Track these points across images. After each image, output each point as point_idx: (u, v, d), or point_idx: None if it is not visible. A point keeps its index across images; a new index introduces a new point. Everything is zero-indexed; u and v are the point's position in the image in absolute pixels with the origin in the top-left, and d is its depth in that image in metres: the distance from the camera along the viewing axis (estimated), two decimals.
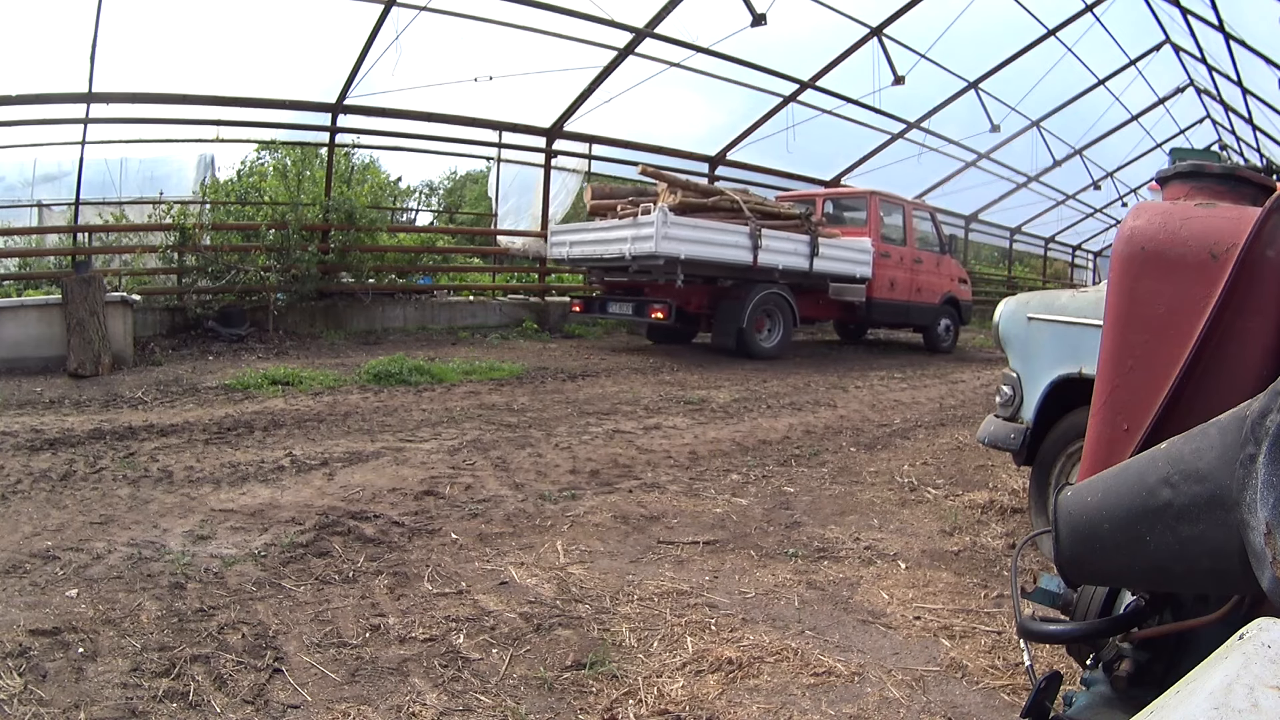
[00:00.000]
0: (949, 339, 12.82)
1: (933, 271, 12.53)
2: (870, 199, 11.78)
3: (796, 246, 10.15)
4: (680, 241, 8.83)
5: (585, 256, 10.05)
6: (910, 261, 12.12)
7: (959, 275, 13.34)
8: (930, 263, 12.52)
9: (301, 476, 4.03)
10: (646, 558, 3.09)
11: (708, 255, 9.18)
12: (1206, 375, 1.16)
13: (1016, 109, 15.56)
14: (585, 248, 9.98)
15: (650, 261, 8.92)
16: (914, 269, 12.16)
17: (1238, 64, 13.27)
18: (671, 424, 5.66)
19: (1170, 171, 1.52)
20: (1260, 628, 0.64)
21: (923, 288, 12.31)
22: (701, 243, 9.07)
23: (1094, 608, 1.19)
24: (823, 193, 12.97)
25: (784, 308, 10.26)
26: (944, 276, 12.78)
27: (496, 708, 2.00)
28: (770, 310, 10.16)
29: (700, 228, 9.11)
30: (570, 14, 10.25)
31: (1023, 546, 1.55)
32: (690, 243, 8.94)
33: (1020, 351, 3.29)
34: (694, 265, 9.20)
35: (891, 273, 11.69)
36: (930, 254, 12.59)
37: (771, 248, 9.77)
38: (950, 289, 12.85)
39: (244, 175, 12.46)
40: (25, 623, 2.31)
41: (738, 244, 9.47)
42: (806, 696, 2.10)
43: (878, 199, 11.80)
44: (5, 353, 7.11)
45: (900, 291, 11.89)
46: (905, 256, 12.05)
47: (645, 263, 9.02)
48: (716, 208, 9.54)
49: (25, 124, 8.80)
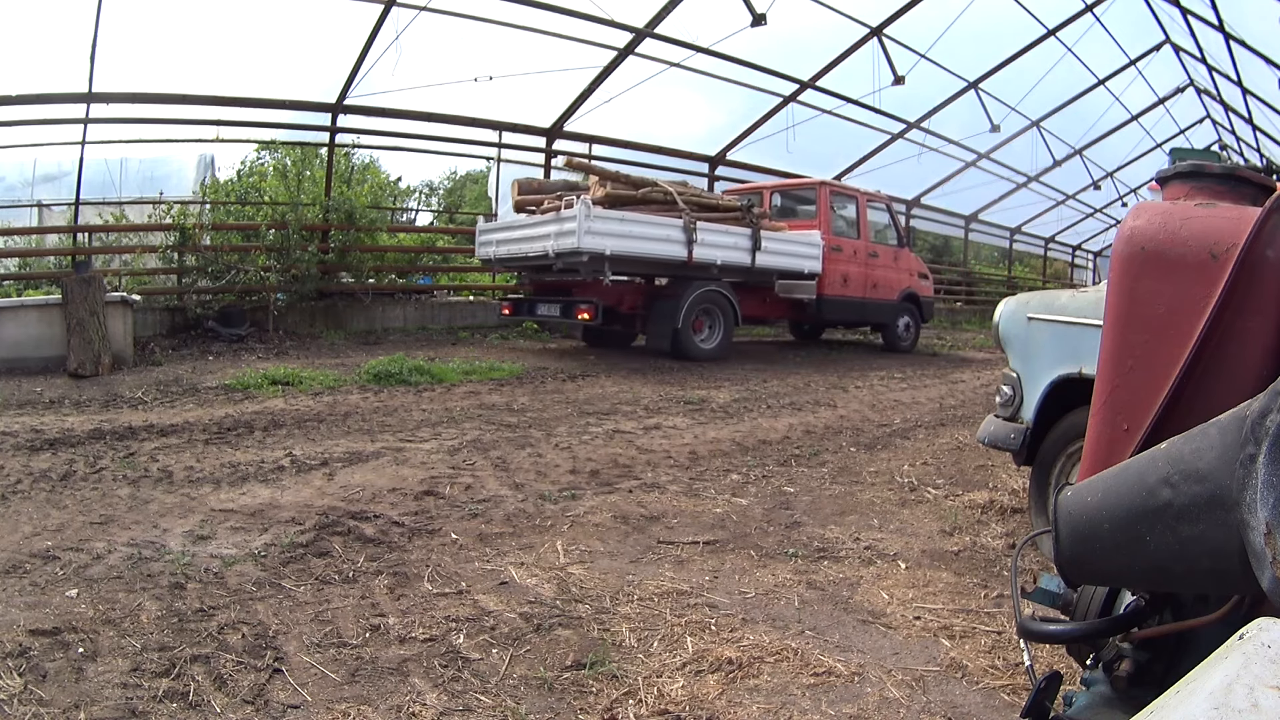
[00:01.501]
0: (909, 338, 12.30)
1: (890, 266, 11.98)
2: (820, 189, 11.29)
3: (737, 240, 9.59)
4: (605, 236, 8.26)
5: (511, 255, 9.48)
6: (865, 256, 11.57)
7: (919, 270, 12.77)
8: (887, 257, 11.99)
9: (301, 476, 4.03)
10: (646, 558, 3.09)
11: (637, 250, 8.61)
12: (1206, 375, 1.16)
13: (1016, 109, 15.58)
14: (510, 246, 9.41)
15: (574, 258, 8.33)
16: (869, 264, 11.61)
17: (1238, 64, 13.28)
18: (671, 424, 5.66)
19: (1170, 171, 1.52)
20: (1260, 628, 0.64)
21: (879, 283, 11.74)
22: (630, 237, 8.49)
23: (1094, 608, 1.19)
24: (771, 184, 12.49)
25: (724, 306, 9.68)
26: (902, 271, 12.21)
27: (496, 708, 2.00)
28: (709, 309, 9.60)
29: (628, 221, 8.55)
30: (570, 14, 10.26)
31: (1023, 546, 1.55)
32: (617, 237, 8.36)
33: (1020, 351, 3.29)
34: (622, 262, 8.65)
35: (844, 268, 11.16)
36: (887, 248, 12.07)
37: (708, 241, 9.19)
38: (910, 284, 12.27)
39: (244, 175, 12.46)
40: (25, 623, 2.31)
41: (670, 238, 8.88)
42: (806, 696, 2.10)
43: (828, 189, 11.33)
44: (5, 353, 7.11)
45: (854, 287, 11.36)
46: (859, 250, 11.51)
47: (569, 260, 8.43)
48: (647, 200, 9.00)
49: (25, 124, 8.80)
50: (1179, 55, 15.61)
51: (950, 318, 19.65)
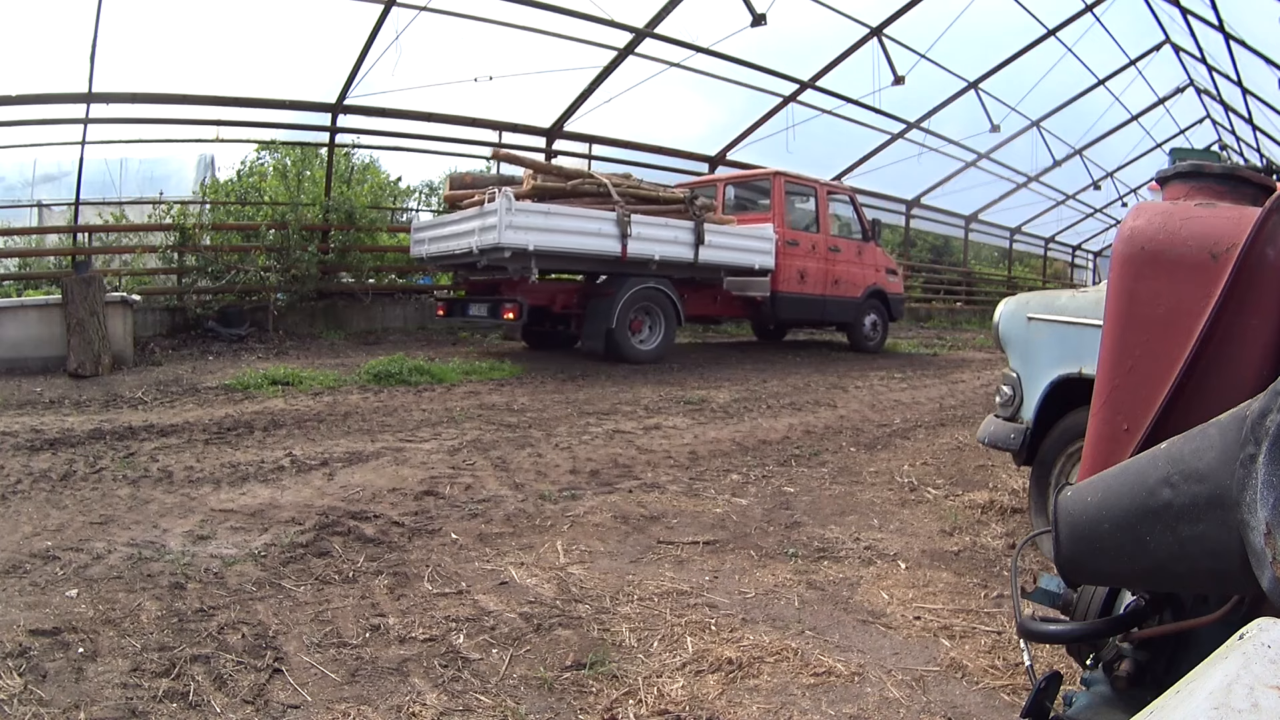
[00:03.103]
0: (876, 337, 11.73)
1: (853, 261, 11.34)
2: (775, 180, 10.62)
3: (677, 234, 8.99)
4: (529, 231, 7.80)
5: (439, 253, 9.05)
6: (825, 250, 10.92)
7: (886, 265, 12.09)
8: (850, 252, 11.32)
9: (301, 476, 4.03)
10: (646, 558, 3.09)
11: (565, 246, 8.15)
12: (1206, 375, 1.16)
13: (1016, 109, 15.60)
14: (440, 243, 8.98)
15: (497, 255, 7.89)
16: (830, 259, 10.97)
17: (1238, 64, 13.28)
18: (671, 424, 5.66)
19: (1170, 171, 1.52)
20: (1260, 628, 0.64)
21: (841, 280, 11.10)
22: (557, 232, 8.04)
23: (1094, 608, 1.19)
24: (725, 176, 11.94)
25: (665, 305, 9.11)
26: (867, 267, 11.55)
27: (496, 708, 2.00)
28: (648, 308, 9.05)
29: (555, 215, 8.06)
30: (570, 14, 10.27)
31: (1023, 546, 1.55)
32: (543, 232, 7.91)
33: (1020, 351, 3.29)
34: (549, 258, 8.24)
35: (801, 263, 10.54)
36: (850, 242, 11.41)
37: (645, 236, 8.63)
38: (876, 281, 11.61)
39: (244, 175, 12.47)
40: (25, 623, 2.31)
41: (602, 232, 8.36)
42: (806, 696, 2.10)
43: (783, 180, 10.63)
44: (5, 353, 7.11)
45: (813, 284, 10.73)
46: (819, 244, 10.86)
47: (493, 257, 7.99)
48: (579, 192, 8.47)
49: (25, 124, 8.81)
50: (1179, 55, 15.62)
51: (950, 318, 19.64)
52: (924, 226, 20.80)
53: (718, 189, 11.02)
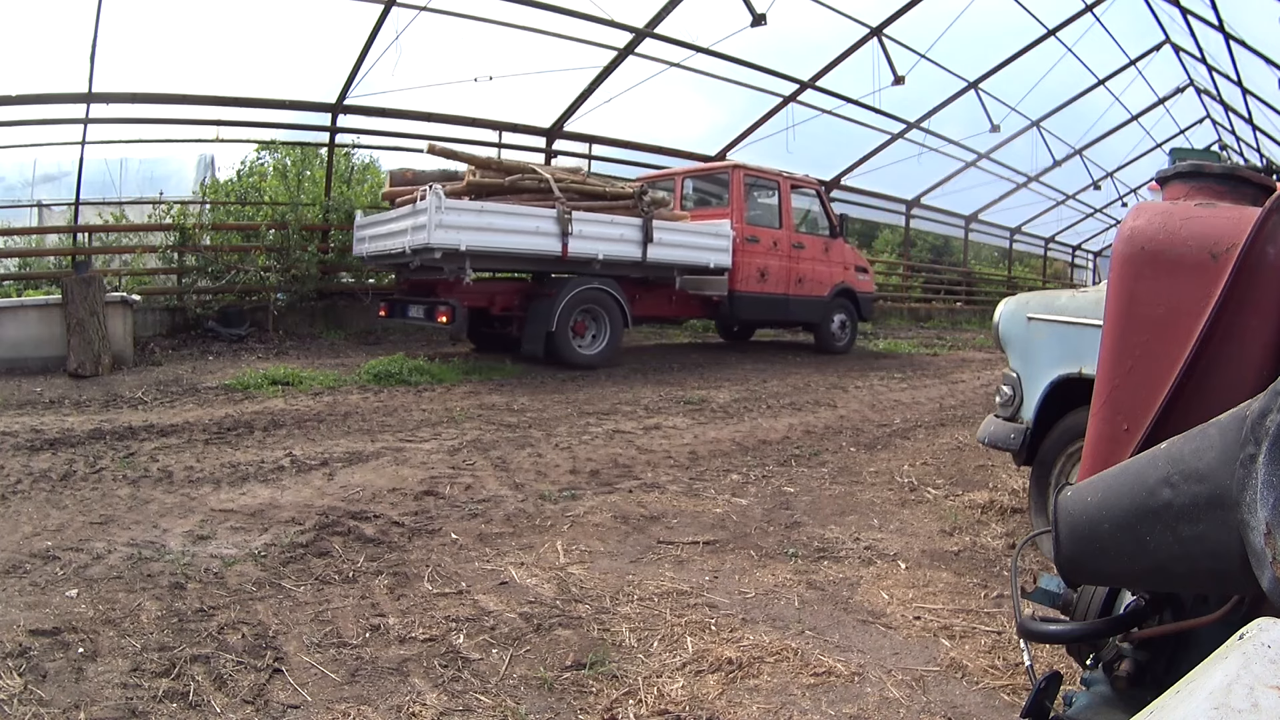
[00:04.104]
0: (845, 337, 11.25)
1: (819, 259, 10.82)
2: (733, 173, 10.11)
3: (624, 232, 8.50)
4: (461, 230, 7.40)
5: (377, 252, 8.65)
6: (788, 247, 10.40)
7: (855, 263, 11.54)
8: (816, 249, 10.80)
9: (301, 476, 4.03)
10: (646, 558, 3.09)
11: (501, 245, 7.74)
12: (1206, 375, 1.16)
13: (1016, 109, 15.60)
14: (377, 242, 8.60)
15: (428, 255, 7.52)
16: (793, 256, 10.45)
17: (1238, 64, 13.28)
18: (671, 424, 5.66)
19: (1170, 171, 1.52)
20: (1260, 628, 0.64)
21: (806, 278, 10.58)
22: (492, 230, 7.62)
23: (1094, 608, 1.19)
24: (684, 170, 11.43)
25: (610, 306, 8.61)
26: (835, 264, 11.05)
27: (496, 708, 2.00)
28: (593, 309, 8.58)
29: (489, 212, 7.64)
30: (570, 14, 10.27)
31: (1023, 546, 1.55)
32: (476, 230, 7.51)
33: (1020, 351, 3.29)
34: (485, 258, 7.86)
35: (762, 261, 10.05)
36: (816, 238, 10.90)
37: (588, 234, 8.16)
38: (844, 279, 11.11)
39: (244, 175, 12.46)
40: (25, 623, 2.31)
41: (541, 230, 7.90)
42: (806, 696, 2.10)
43: (742, 173, 10.12)
44: (5, 353, 7.11)
45: (774, 283, 10.22)
46: (781, 241, 10.32)
47: (425, 257, 7.60)
48: (517, 189, 8.02)
49: (25, 124, 8.81)
50: (1179, 55, 15.62)
51: (950, 318, 19.65)
52: (924, 226, 20.81)
53: (676, 183, 10.62)
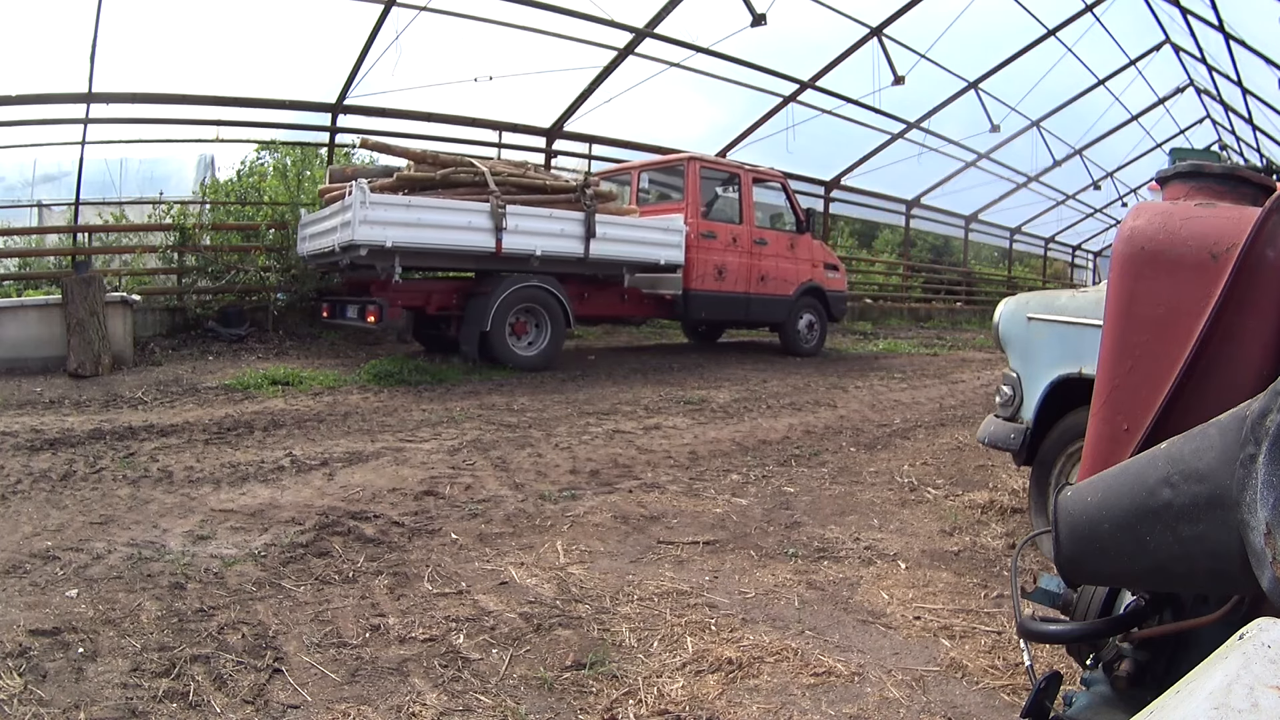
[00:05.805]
0: (813, 339, 10.75)
1: (784, 256, 10.28)
2: (689, 165, 9.61)
3: (564, 227, 8.13)
4: (388, 226, 7.14)
5: (313, 251, 8.41)
6: (749, 243, 9.87)
7: (825, 260, 10.94)
8: (780, 245, 10.26)
9: (301, 476, 4.03)
10: (646, 558, 3.09)
11: (431, 242, 7.44)
12: (1206, 375, 1.16)
13: (1016, 109, 15.60)
14: (314, 241, 8.35)
15: (354, 253, 7.25)
16: (755, 253, 9.93)
17: (1238, 64, 13.28)
18: (671, 424, 5.66)
19: (1170, 171, 1.52)
20: (1260, 628, 0.64)
21: (769, 275, 10.05)
22: (421, 226, 7.33)
23: (1094, 608, 1.19)
24: (640, 163, 10.97)
25: (551, 305, 8.26)
26: (802, 262, 10.50)
27: (496, 708, 2.00)
28: (532, 308, 8.24)
29: (418, 207, 7.35)
30: (570, 14, 10.27)
31: (1023, 546, 1.55)
32: (404, 227, 7.23)
33: (1020, 351, 3.29)
34: (415, 255, 7.54)
35: (719, 257, 9.56)
36: (781, 234, 10.38)
37: (524, 229, 7.82)
38: (812, 277, 10.56)
39: (244, 175, 12.44)
40: (25, 623, 2.31)
41: (473, 225, 7.56)
42: (806, 696, 2.10)
43: (698, 165, 9.65)
44: (5, 353, 7.11)
45: (733, 281, 9.72)
46: (741, 237, 9.81)
47: (352, 255, 7.33)
48: (451, 182, 7.72)
49: (25, 124, 8.80)
50: (1179, 55, 15.62)
51: (950, 318, 19.66)
52: (924, 226, 20.81)
53: (633, 176, 10.27)
